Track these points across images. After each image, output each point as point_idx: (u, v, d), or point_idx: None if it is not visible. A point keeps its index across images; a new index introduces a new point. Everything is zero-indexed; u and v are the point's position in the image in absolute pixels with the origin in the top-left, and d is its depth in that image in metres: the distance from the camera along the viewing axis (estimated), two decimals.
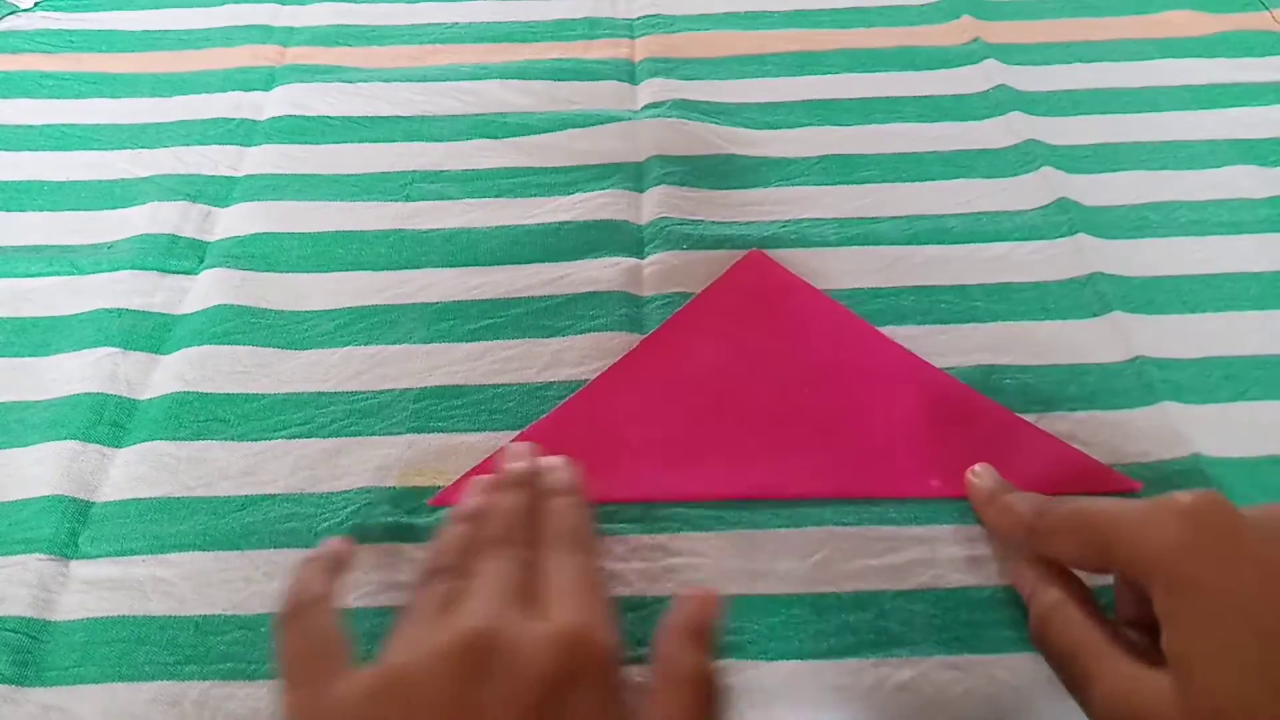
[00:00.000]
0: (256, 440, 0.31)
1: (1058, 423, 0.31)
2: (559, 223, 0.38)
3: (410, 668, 0.21)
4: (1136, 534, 0.21)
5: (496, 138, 0.41)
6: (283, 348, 0.33)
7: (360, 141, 0.41)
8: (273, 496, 0.29)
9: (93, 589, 0.28)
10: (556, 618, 0.22)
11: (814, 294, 0.34)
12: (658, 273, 0.35)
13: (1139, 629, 0.23)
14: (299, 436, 0.31)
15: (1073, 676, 0.23)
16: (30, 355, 0.34)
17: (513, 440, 0.30)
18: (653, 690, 0.22)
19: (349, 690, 0.21)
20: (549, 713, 0.20)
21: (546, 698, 0.20)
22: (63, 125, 0.42)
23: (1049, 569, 0.25)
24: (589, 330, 0.34)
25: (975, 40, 0.46)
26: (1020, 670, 0.26)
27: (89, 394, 0.32)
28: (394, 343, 0.34)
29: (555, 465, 0.28)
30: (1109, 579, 0.26)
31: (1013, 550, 0.27)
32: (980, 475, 0.28)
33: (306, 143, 0.41)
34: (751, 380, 0.32)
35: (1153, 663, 0.21)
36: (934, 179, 0.39)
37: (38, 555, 0.28)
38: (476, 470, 0.30)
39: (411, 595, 0.24)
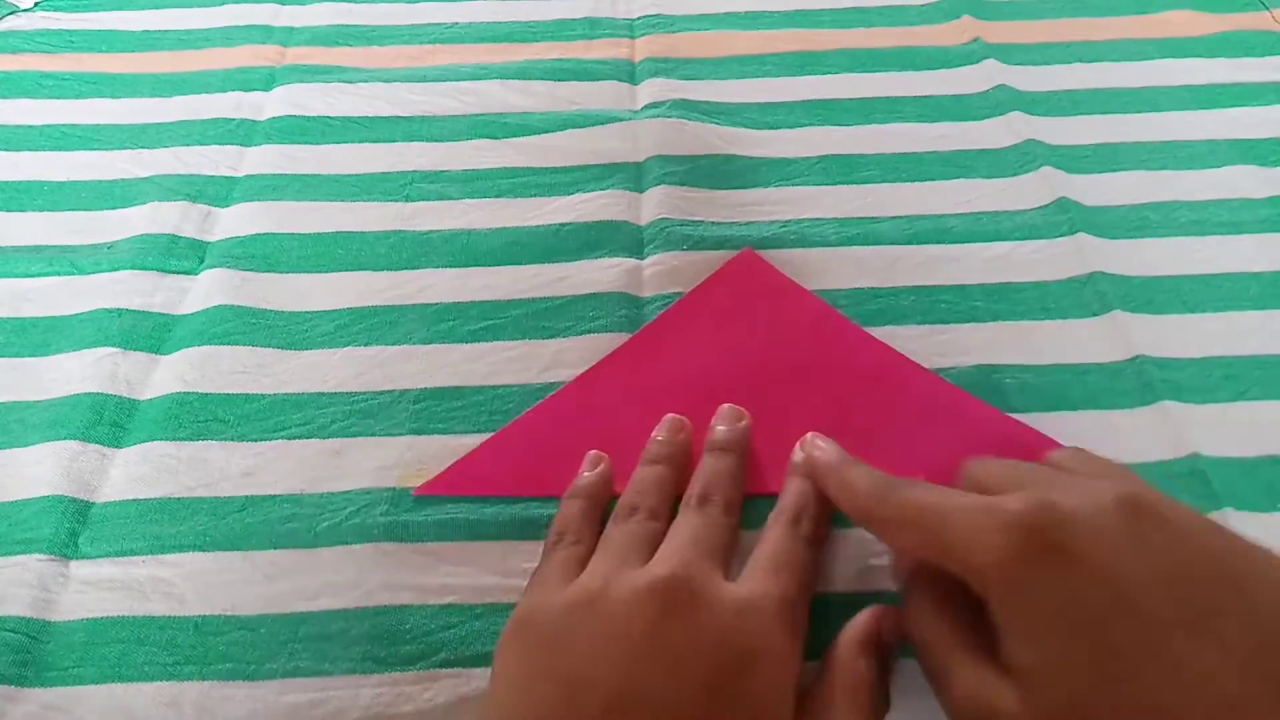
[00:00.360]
0: (257, 441, 0.31)
1: (1058, 423, 0.31)
2: (559, 224, 0.38)
3: (613, 593, 0.22)
4: (967, 542, 0.21)
5: (496, 138, 0.41)
6: (283, 348, 0.33)
7: (360, 142, 0.41)
8: (273, 497, 0.29)
9: (92, 589, 0.28)
10: (753, 587, 0.23)
11: (805, 295, 0.34)
12: (658, 274, 0.35)
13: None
14: (299, 437, 0.31)
15: (929, 670, 0.23)
16: (30, 355, 0.34)
17: (493, 436, 0.31)
18: (825, 694, 0.22)
19: (560, 598, 0.23)
20: (728, 680, 0.21)
21: (729, 666, 0.21)
22: (63, 125, 0.42)
23: (921, 565, 0.25)
24: (589, 331, 0.34)
25: (975, 40, 0.46)
26: None
27: (89, 394, 0.32)
28: (394, 343, 0.34)
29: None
30: None
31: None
32: (822, 447, 0.27)
33: (307, 143, 0.41)
34: (739, 379, 0.32)
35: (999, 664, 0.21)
36: (934, 179, 0.39)
37: (37, 555, 0.28)
38: (467, 460, 0.30)
39: (607, 527, 0.26)
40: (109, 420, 0.31)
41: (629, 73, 0.45)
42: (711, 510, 0.26)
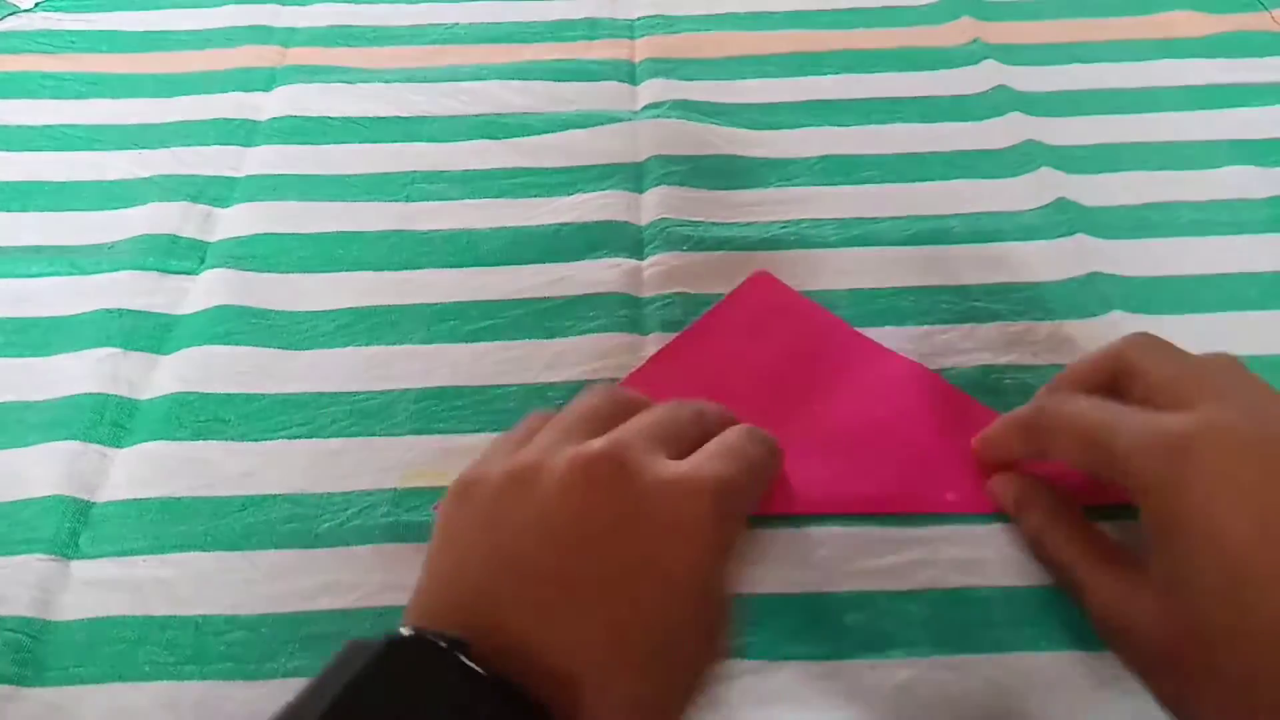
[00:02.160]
0: (257, 441, 0.31)
1: None
2: (559, 224, 0.38)
3: (546, 467, 0.22)
4: (1133, 456, 0.22)
5: (497, 138, 0.41)
6: (283, 348, 0.33)
7: (361, 142, 0.41)
8: (274, 497, 0.29)
9: (93, 589, 0.28)
10: (689, 467, 0.22)
11: (818, 311, 0.34)
12: (658, 274, 0.35)
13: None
14: (300, 437, 0.31)
15: (1070, 585, 0.25)
16: (31, 355, 0.34)
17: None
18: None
19: (500, 467, 0.23)
20: (646, 556, 0.20)
21: (648, 541, 0.21)
22: (63, 125, 0.42)
23: (1031, 483, 0.27)
24: (589, 331, 0.34)
25: (975, 41, 0.46)
26: (1018, 670, 0.26)
27: (90, 394, 0.32)
28: (394, 343, 0.34)
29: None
30: None
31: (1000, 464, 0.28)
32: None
33: (307, 143, 0.41)
34: (759, 398, 0.31)
35: (1137, 571, 0.23)
36: (933, 179, 0.39)
37: (38, 555, 0.28)
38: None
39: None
40: (110, 420, 0.31)
41: (629, 73, 0.45)
42: (674, 404, 0.25)
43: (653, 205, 0.38)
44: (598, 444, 0.22)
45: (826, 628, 0.27)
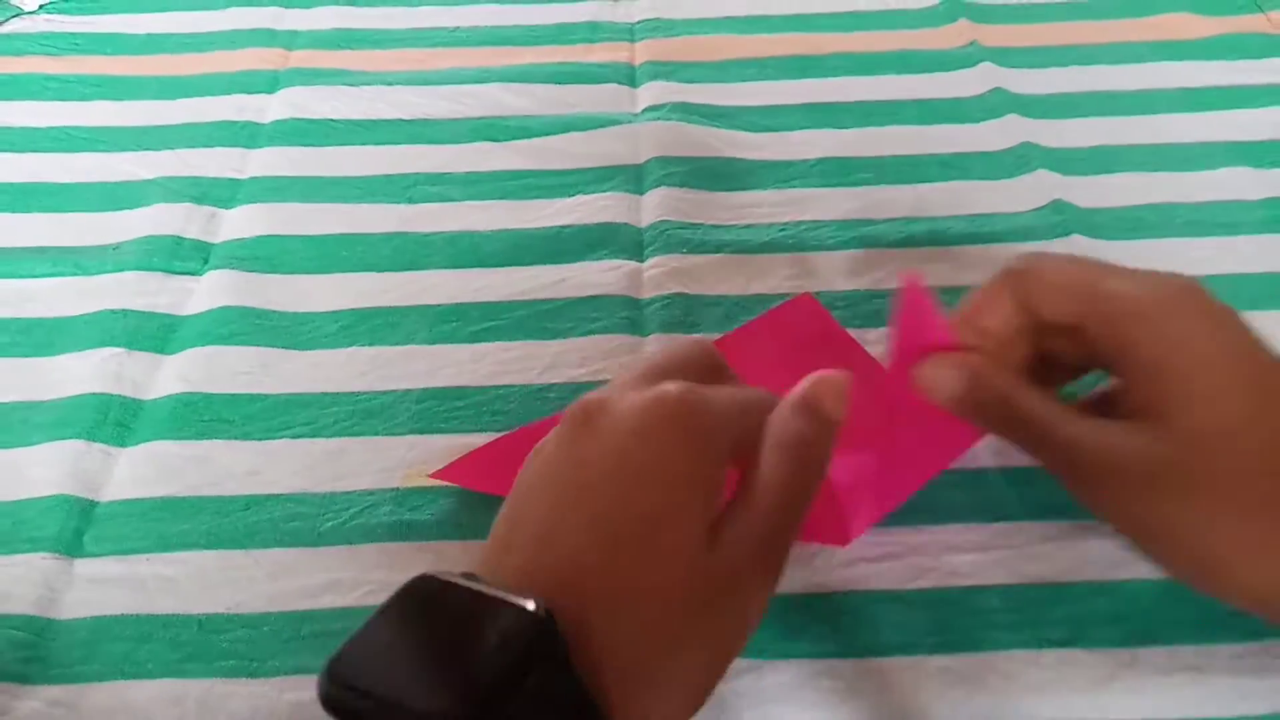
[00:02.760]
0: (261, 440, 0.31)
1: None
2: (560, 225, 0.38)
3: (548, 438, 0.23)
4: (1132, 296, 0.23)
5: (498, 140, 0.42)
6: (286, 349, 0.34)
7: (363, 144, 0.42)
8: (277, 496, 0.30)
9: (97, 587, 0.28)
10: (653, 391, 0.22)
11: (855, 347, 0.33)
12: (658, 275, 0.36)
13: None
14: (303, 437, 0.31)
15: (1044, 443, 0.23)
16: (35, 355, 0.34)
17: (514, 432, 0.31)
18: (760, 452, 0.23)
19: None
20: (632, 452, 0.21)
21: (630, 440, 0.21)
22: (67, 127, 0.43)
23: (985, 360, 0.25)
24: (590, 333, 0.34)
25: (972, 43, 0.46)
26: (1017, 670, 0.26)
27: (94, 394, 0.32)
28: (397, 344, 0.34)
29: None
30: None
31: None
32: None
33: (310, 145, 0.42)
34: None
35: (1109, 413, 0.23)
36: (931, 181, 0.39)
37: (42, 554, 0.28)
38: (485, 451, 0.30)
39: None
40: (114, 420, 0.31)
41: (629, 76, 0.45)
42: (690, 338, 0.25)
43: (653, 207, 0.38)
44: (595, 392, 0.23)
45: (825, 627, 0.27)
